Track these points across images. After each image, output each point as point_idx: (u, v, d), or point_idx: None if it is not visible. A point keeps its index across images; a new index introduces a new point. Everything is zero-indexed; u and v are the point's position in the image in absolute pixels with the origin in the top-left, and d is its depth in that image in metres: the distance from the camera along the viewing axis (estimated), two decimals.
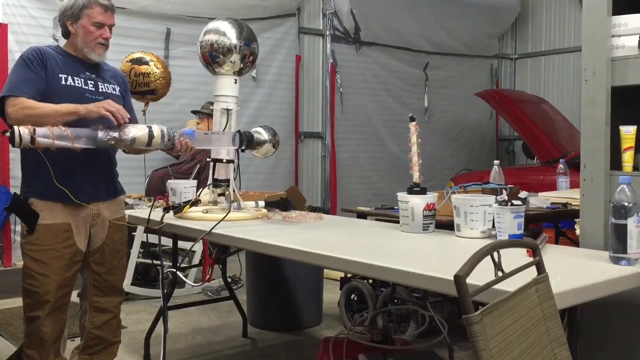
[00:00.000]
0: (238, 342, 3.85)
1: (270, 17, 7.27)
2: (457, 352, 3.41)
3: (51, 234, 2.55)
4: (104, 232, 2.70)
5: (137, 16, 6.21)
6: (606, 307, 2.15)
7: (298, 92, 7.64)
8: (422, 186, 2.66)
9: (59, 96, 2.52)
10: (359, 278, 3.91)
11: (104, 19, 2.61)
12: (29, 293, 2.57)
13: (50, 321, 2.56)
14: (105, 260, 2.73)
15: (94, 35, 2.60)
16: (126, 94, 2.85)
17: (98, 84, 2.65)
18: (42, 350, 2.58)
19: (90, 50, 2.62)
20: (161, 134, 2.60)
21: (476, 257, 1.35)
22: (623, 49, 2.28)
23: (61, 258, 2.56)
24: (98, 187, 2.66)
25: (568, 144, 6.72)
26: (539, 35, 9.59)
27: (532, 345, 1.44)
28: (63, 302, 2.61)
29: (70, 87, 2.56)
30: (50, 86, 2.52)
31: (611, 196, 2.05)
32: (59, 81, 2.54)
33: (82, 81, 2.60)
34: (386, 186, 8.04)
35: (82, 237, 2.63)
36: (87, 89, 2.61)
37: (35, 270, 2.54)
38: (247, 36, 3.03)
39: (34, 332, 2.58)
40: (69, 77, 2.57)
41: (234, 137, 2.86)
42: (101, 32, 2.61)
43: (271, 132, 3.10)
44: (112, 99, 2.64)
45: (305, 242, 2.35)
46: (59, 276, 2.55)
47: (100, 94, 2.63)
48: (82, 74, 2.61)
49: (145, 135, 2.56)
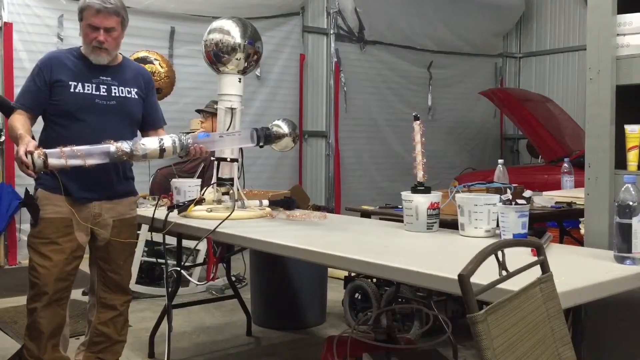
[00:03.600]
0: (242, 341, 3.85)
1: (274, 15, 7.28)
2: (461, 351, 3.41)
3: (53, 228, 2.58)
4: (107, 232, 2.71)
5: (141, 15, 6.22)
6: (611, 307, 2.14)
7: (302, 91, 7.64)
8: (426, 185, 2.66)
9: (66, 104, 2.57)
10: (363, 277, 3.91)
11: (97, 22, 2.55)
12: (32, 285, 2.60)
13: (46, 313, 2.58)
14: (109, 259, 2.75)
15: (89, 37, 2.58)
16: (149, 93, 2.82)
17: (112, 88, 2.64)
18: (40, 343, 2.60)
19: (90, 53, 2.61)
20: (172, 147, 2.59)
21: (480, 256, 1.35)
22: (628, 48, 2.28)
23: (62, 252, 2.58)
24: (102, 187, 2.66)
25: (572, 143, 6.70)
26: (544, 34, 9.56)
27: (537, 344, 1.44)
28: (61, 296, 2.62)
29: (79, 94, 2.57)
30: (58, 95, 2.56)
31: (616, 195, 2.04)
32: (68, 89, 2.56)
33: (92, 87, 2.60)
34: (390, 185, 8.03)
35: (82, 233, 2.64)
36: (97, 94, 2.61)
37: (37, 262, 2.57)
38: (251, 35, 3.03)
39: (32, 324, 2.61)
40: (79, 84, 2.58)
41: (252, 135, 2.83)
42: (95, 34, 2.56)
43: (291, 125, 3.05)
44: (126, 103, 2.66)
45: (309, 241, 2.35)
46: (58, 269, 2.57)
47: (112, 99, 2.64)
48: (94, 78, 2.61)
49: (156, 150, 2.56)
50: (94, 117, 2.59)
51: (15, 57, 5.73)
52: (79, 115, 2.58)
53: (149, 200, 3.39)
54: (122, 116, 2.68)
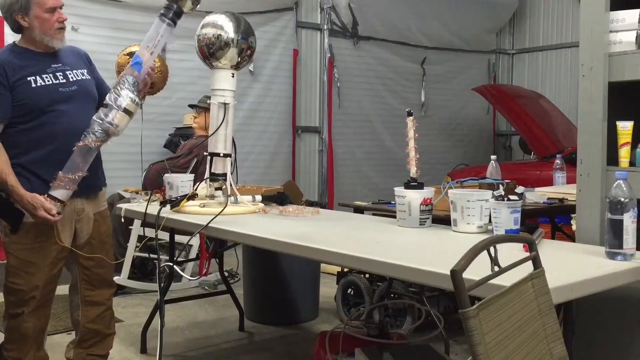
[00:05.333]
0: (235, 336, 3.85)
1: (267, 11, 7.25)
2: (453, 346, 3.43)
3: (37, 232, 2.52)
4: (89, 227, 2.68)
5: (134, 9, 6.16)
6: (602, 302, 2.16)
7: (295, 87, 7.62)
8: (419, 181, 2.66)
9: (32, 101, 2.47)
10: (355, 272, 3.92)
11: (55, 2, 2.51)
12: (12, 291, 2.54)
13: (34, 317, 2.56)
14: (93, 254, 2.71)
15: (51, 21, 2.51)
16: (94, 70, 2.76)
17: (67, 73, 2.58)
18: (23, 346, 2.57)
19: (51, 39, 2.53)
20: (134, 104, 2.54)
21: (472, 252, 1.36)
22: (621, 45, 2.28)
23: (47, 256, 2.55)
24: (83, 182, 2.58)
25: (565, 140, 6.72)
26: (537, 31, 9.58)
27: (528, 339, 1.44)
28: (48, 298, 2.61)
29: (41, 87, 2.49)
30: (22, 94, 2.46)
31: (607, 191, 2.05)
32: (30, 85, 2.48)
33: (50, 77, 2.53)
34: (382, 181, 8.03)
35: (67, 234, 2.61)
36: (57, 82, 2.54)
37: (21, 268, 2.52)
38: (245, 30, 3.02)
39: (15, 328, 2.56)
40: (37, 78, 2.49)
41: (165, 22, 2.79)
42: (56, 16, 2.52)
43: None
44: (85, 84, 2.61)
45: (302, 237, 2.36)
46: (44, 274, 2.54)
47: (72, 84, 2.57)
48: (48, 68, 2.53)
49: (125, 118, 2.53)
50: (63, 107, 2.52)
51: None
52: (48, 109, 2.49)
53: (142, 196, 3.38)
54: (86, 98, 2.62)
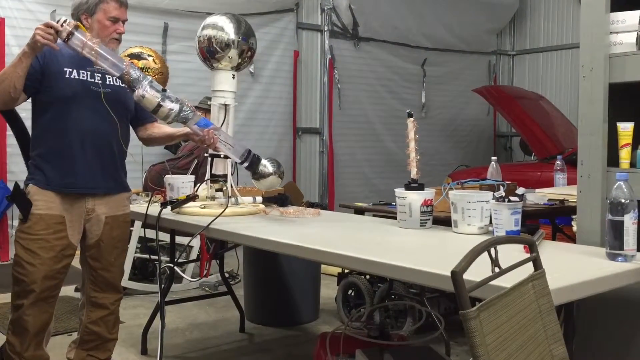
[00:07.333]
0: (235, 337, 3.85)
1: (268, 12, 7.26)
2: (453, 347, 3.42)
3: (43, 224, 2.55)
4: (99, 228, 2.68)
5: (135, 11, 6.14)
6: (602, 303, 2.16)
7: (296, 88, 7.62)
8: (419, 182, 2.66)
9: (59, 88, 2.55)
10: (356, 274, 3.92)
11: (119, 14, 2.66)
12: (17, 281, 2.58)
13: (33, 311, 2.56)
14: (100, 256, 2.72)
15: (109, 30, 2.64)
16: None
17: (106, 76, 2.65)
18: (24, 340, 2.58)
19: (105, 45, 2.60)
20: (168, 111, 2.60)
21: (473, 253, 1.36)
22: (621, 46, 2.28)
23: (51, 249, 2.55)
24: (95, 180, 2.63)
25: (565, 141, 6.72)
26: (537, 32, 9.58)
27: (529, 341, 1.44)
28: (50, 295, 2.60)
29: (73, 80, 2.57)
30: (52, 79, 2.54)
31: (608, 193, 2.05)
32: (63, 74, 2.56)
33: (87, 74, 2.61)
34: (383, 182, 8.04)
35: (75, 232, 2.62)
36: (92, 81, 2.62)
37: (24, 258, 2.54)
38: (245, 31, 3.02)
39: (17, 320, 2.58)
40: (74, 71, 2.58)
41: (243, 154, 2.83)
42: (116, 27, 2.66)
43: (275, 164, 2.98)
44: (121, 92, 2.68)
45: (303, 238, 2.36)
46: (46, 267, 2.54)
47: (107, 87, 2.64)
48: (89, 66, 2.60)
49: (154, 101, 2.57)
50: (89, 103, 2.59)
51: (7, 52, 5.68)
52: (74, 101, 2.56)
53: (142, 197, 3.38)
54: (116, 104, 2.67)
